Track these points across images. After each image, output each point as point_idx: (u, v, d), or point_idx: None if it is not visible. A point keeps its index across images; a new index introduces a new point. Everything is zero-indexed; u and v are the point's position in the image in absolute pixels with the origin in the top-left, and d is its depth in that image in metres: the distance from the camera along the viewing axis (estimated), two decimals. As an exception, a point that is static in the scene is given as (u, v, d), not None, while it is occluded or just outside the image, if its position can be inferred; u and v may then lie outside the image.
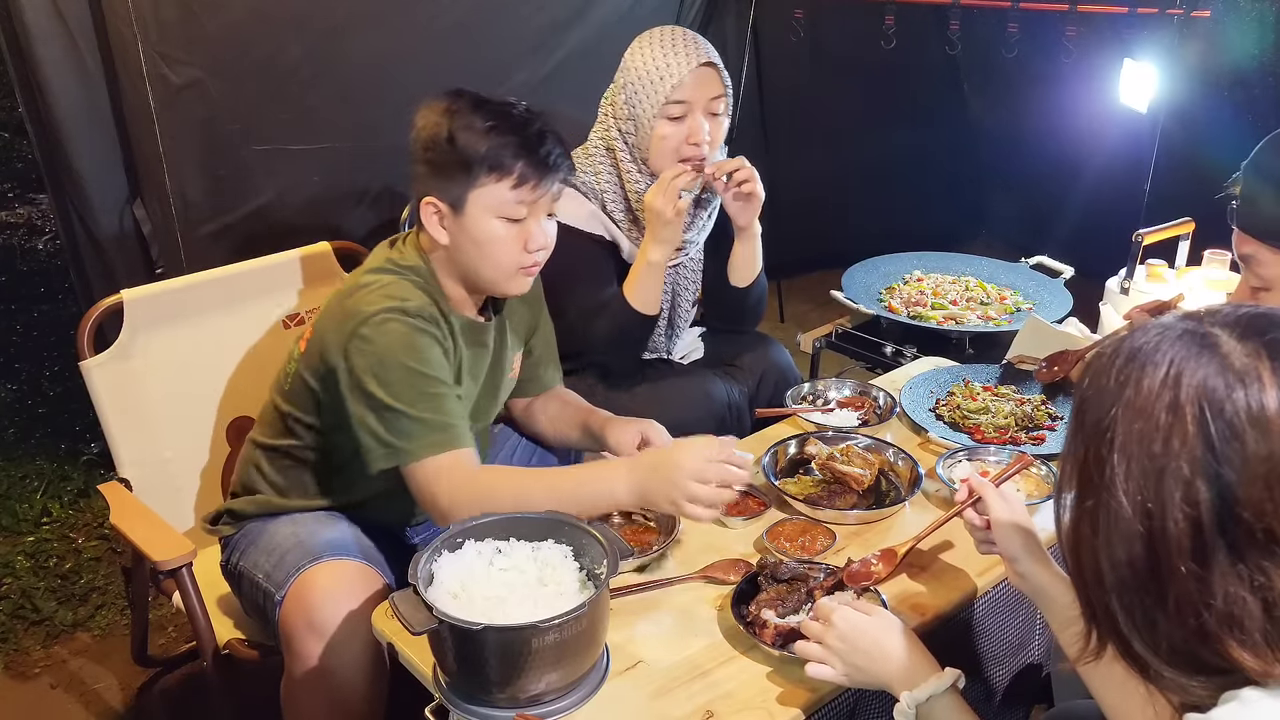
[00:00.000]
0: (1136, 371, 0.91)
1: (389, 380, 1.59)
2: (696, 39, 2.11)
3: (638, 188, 2.16)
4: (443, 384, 1.63)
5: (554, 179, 1.69)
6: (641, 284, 2.11)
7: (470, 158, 1.63)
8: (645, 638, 1.45)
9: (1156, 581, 0.89)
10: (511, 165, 1.64)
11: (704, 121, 2.10)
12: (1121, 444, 0.90)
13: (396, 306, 1.62)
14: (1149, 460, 0.88)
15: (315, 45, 2.89)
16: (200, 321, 2.08)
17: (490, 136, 1.64)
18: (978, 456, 1.87)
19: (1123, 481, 0.89)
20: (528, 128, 1.66)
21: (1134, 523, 0.89)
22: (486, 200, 1.65)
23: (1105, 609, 0.94)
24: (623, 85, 2.13)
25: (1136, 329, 0.95)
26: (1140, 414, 0.89)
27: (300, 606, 1.61)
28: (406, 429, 1.59)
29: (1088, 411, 0.94)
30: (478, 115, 1.65)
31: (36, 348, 3.84)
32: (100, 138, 2.68)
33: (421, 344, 1.62)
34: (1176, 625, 0.89)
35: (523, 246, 1.69)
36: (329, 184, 3.01)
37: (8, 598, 2.67)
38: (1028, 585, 1.37)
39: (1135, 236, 2.55)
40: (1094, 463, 0.92)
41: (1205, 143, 2.92)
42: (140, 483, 2.01)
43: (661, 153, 2.11)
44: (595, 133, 2.22)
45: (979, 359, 2.44)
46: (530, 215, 1.69)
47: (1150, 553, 0.89)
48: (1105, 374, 0.93)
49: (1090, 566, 0.94)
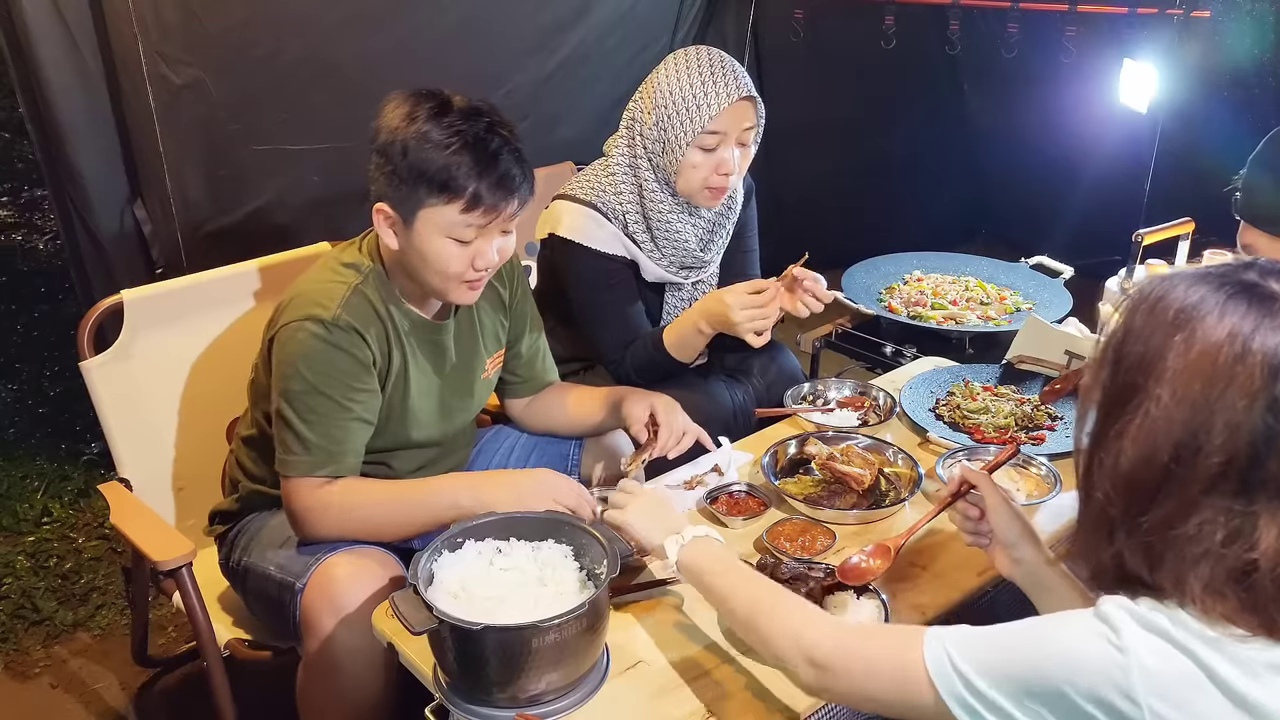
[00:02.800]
0: (1199, 314, 0.95)
1: (288, 390, 1.64)
2: (735, 68, 2.09)
3: (661, 208, 2.16)
4: (336, 405, 1.64)
5: (509, 204, 1.63)
6: (685, 343, 2.12)
7: (421, 175, 1.59)
8: (645, 638, 1.45)
9: (1150, 496, 0.96)
10: (463, 189, 1.58)
11: (735, 151, 2.10)
12: (1173, 375, 0.94)
13: (313, 315, 1.63)
14: (1202, 396, 0.93)
15: (315, 45, 2.90)
16: (200, 321, 2.08)
17: (443, 154, 1.58)
18: (978, 456, 1.87)
19: (1164, 407, 0.94)
20: (484, 146, 1.60)
21: (1162, 444, 0.94)
22: (435, 219, 1.61)
23: (1087, 518, 1.03)
24: (654, 106, 2.10)
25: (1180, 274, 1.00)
26: (1202, 354, 0.93)
27: (324, 594, 1.61)
28: (290, 443, 1.64)
29: (1134, 339, 0.98)
30: (435, 127, 1.59)
31: (36, 348, 3.83)
32: (100, 138, 2.69)
33: (326, 357, 1.63)
34: (1135, 536, 0.97)
35: (469, 265, 1.66)
36: (329, 184, 3.01)
37: (8, 598, 2.67)
38: (1022, 571, 1.37)
39: (1135, 236, 2.55)
40: (1133, 385, 0.97)
41: (1205, 143, 2.92)
42: (140, 483, 2.02)
43: (690, 180, 2.11)
44: (616, 149, 2.20)
45: (979, 359, 2.44)
46: (481, 237, 1.65)
47: (1164, 472, 0.94)
48: (1161, 309, 0.97)
49: (1093, 474, 1.01)
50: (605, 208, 2.16)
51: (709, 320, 2.05)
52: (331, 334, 1.63)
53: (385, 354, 1.72)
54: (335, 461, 1.65)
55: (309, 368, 1.63)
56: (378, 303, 1.71)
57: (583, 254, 2.14)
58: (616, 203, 2.17)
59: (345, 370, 1.65)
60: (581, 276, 2.17)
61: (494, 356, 1.93)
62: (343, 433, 1.66)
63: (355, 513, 1.66)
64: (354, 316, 1.66)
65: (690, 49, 2.15)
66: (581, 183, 2.21)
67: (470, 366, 1.88)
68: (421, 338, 1.77)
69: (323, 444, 1.64)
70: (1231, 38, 3.45)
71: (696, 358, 2.34)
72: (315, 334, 1.62)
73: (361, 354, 1.67)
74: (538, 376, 2.05)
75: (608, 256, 2.16)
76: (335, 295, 1.67)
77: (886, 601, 1.46)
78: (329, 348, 1.63)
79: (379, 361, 1.71)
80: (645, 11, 3.62)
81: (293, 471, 1.65)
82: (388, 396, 1.74)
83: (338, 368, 1.64)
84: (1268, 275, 0.97)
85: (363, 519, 1.67)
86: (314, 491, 1.65)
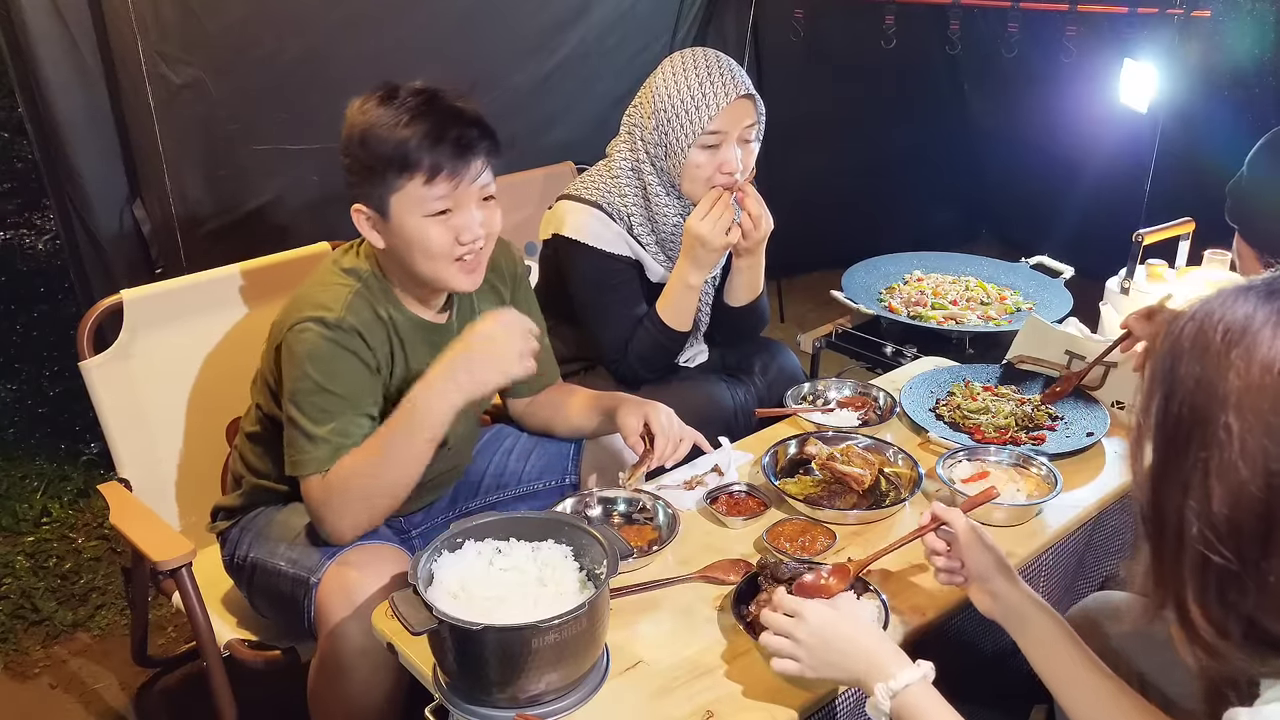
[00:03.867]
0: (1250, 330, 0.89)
1: (296, 390, 1.64)
2: (732, 67, 2.10)
3: (666, 211, 2.16)
4: (345, 401, 1.64)
5: (472, 165, 1.61)
6: (678, 305, 2.12)
7: (379, 159, 1.58)
8: (645, 638, 1.45)
9: (1264, 541, 0.86)
10: (419, 160, 1.57)
11: (737, 149, 2.10)
12: (1238, 402, 0.87)
13: (317, 317, 1.63)
14: (1277, 417, 0.85)
15: (315, 45, 2.90)
16: (200, 321, 2.08)
17: (395, 132, 1.57)
18: (978, 456, 1.87)
19: (1239, 440, 0.86)
20: (432, 116, 1.58)
21: (1252, 481, 0.86)
22: (406, 202, 1.61)
23: (1175, 570, 0.92)
24: (653, 110, 2.11)
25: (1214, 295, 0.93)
26: (1265, 371, 0.86)
27: (341, 587, 1.61)
28: (301, 443, 1.64)
29: (1184, 370, 0.91)
30: (385, 110, 1.59)
31: (36, 348, 3.84)
32: (100, 138, 2.69)
33: (332, 357, 1.63)
34: (1270, 589, 0.86)
35: (455, 240, 1.65)
36: (329, 184, 3.00)
37: (8, 598, 2.67)
38: (1000, 606, 1.37)
39: (1135, 236, 2.55)
40: (1197, 421, 0.89)
41: (1205, 143, 2.92)
42: (140, 483, 2.01)
43: (695, 180, 2.11)
44: (619, 152, 2.20)
45: (979, 359, 2.44)
46: (457, 207, 1.64)
47: (1265, 511, 0.86)
48: (1204, 333, 0.91)
49: (1174, 523, 0.91)
50: (610, 208, 2.17)
51: (687, 258, 2.05)
52: (336, 334, 1.64)
53: (388, 358, 1.72)
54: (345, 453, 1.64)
55: (316, 367, 1.63)
56: (378, 306, 1.71)
57: (588, 253, 2.14)
58: (621, 204, 2.18)
59: (352, 369, 1.65)
60: (586, 276, 2.16)
61: None
62: (351, 426, 1.65)
63: (352, 483, 1.62)
64: (357, 319, 1.66)
65: (687, 51, 2.15)
66: (586, 183, 2.21)
67: None
68: (422, 339, 1.77)
69: (331, 438, 1.63)
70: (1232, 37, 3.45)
71: (696, 355, 2.35)
72: (321, 334, 1.63)
73: (366, 356, 1.67)
74: (537, 378, 2.04)
75: (613, 256, 2.16)
76: (339, 297, 1.67)
77: (886, 602, 1.45)
78: (335, 347, 1.63)
79: (382, 366, 1.71)
80: (645, 11, 3.63)
81: (305, 470, 1.64)
82: (395, 394, 1.73)
83: (344, 366, 1.65)
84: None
85: (362, 488, 1.63)
86: (320, 483, 1.64)
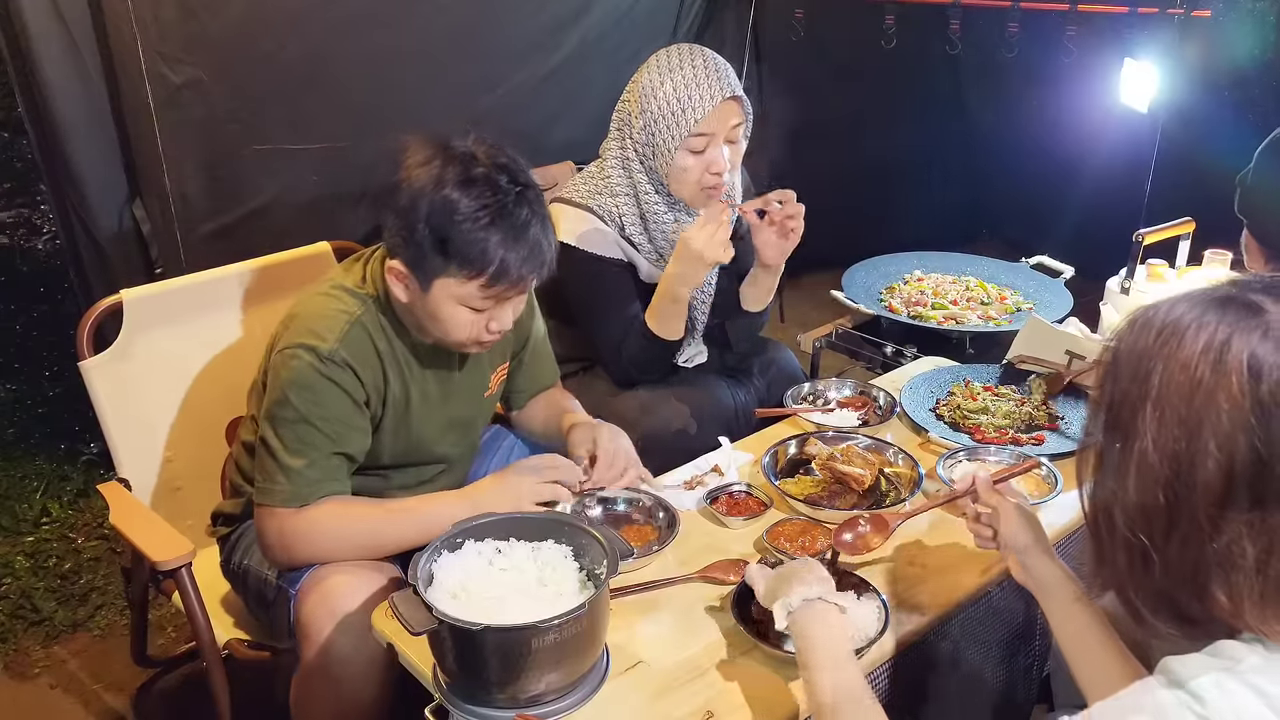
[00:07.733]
0: (1178, 331, 0.94)
1: (276, 416, 1.62)
2: (719, 66, 2.08)
3: (657, 209, 2.16)
4: (324, 437, 1.62)
5: (534, 278, 1.59)
6: (666, 316, 2.11)
7: (445, 245, 1.53)
8: (645, 638, 1.45)
9: (1166, 523, 0.93)
10: (485, 266, 1.54)
11: (725, 149, 2.09)
12: (1158, 396, 0.93)
13: (309, 345, 1.61)
14: (1188, 412, 0.91)
15: (315, 45, 2.89)
16: (200, 321, 2.08)
17: (473, 231, 1.52)
18: (978, 456, 1.87)
19: (1154, 430, 0.93)
20: (513, 219, 1.54)
21: (1160, 468, 0.93)
22: (454, 290, 1.58)
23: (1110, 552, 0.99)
24: (640, 111, 2.10)
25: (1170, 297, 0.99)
26: (1183, 369, 0.92)
27: (322, 598, 1.60)
28: (272, 469, 1.62)
29: (1122, 364, 0.98)
30: (463, 195, 1.52)
31: (36, 348, 3.83)
32: (100, 137, 2.68)
33: (318, 388, 1.61)
34: (1171, 568, 0.94)
35: (483, 329, 1.64)
36: (329, 184, 3.01)
37: (8, 598, 2.67)
38: (1031, 578, 1.38)
39: (1135, 236, 2.55)
40: (1125, 411, 0.96)
41: (1205, 143, 2.92)
42: (140, 483, 2.01)
43: (683, 182, 2.11)
44: (610, 151, 2.20)
45: (979, 359, 2.43)
46: (497, 305, 1.62)
47: (1170, 496, 0.92)
48: (1145, 332, 0.97)
49: (1104, 508, 0.99)
50: (602, 211, 2.16)
51: (676, 270, 2.03)
52: (326, 367, 1.61)
53: (380, 389, 1.70)
54: (318, 494, 1.63)
55: (299, 397, 1.61)
56: (377, 334, 1.68)
57: (580, 258, 2.13)
58: (613, 205, 2.17)
59: (336, 402, 1.63)
60: (579, 280, 2.16)
61: (498, 370, 1.92)
62: (328, 465, 1.63)
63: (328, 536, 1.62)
64: (350, 353, 1.63)
65: (673, 48, 2.13)
66: (578, 186, 2.21)
67: (475, 385, 1.87)
68: (425, 363, 1.76)
69: (306, 474, 1.61)
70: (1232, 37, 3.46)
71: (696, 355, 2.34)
72: (310, 364, 1.61)
73: (355, 392, 1.65)
74: (532, 385, 2.05)
75: (604, 260, 2.15)
76: (335, 327, 1.64)
77: (886, 602, 1.45)
78: (322, 379, 1.61)
79: (372, 401, 1.69)
80: (645, 11, 3.62)
81: (272, 501, 1.62)
82: (391, 423, 1.73)
83: (329, 398, 1.62)
84: (1248, 287, 0.95)
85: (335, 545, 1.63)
86: (295, 516, 1.62)
